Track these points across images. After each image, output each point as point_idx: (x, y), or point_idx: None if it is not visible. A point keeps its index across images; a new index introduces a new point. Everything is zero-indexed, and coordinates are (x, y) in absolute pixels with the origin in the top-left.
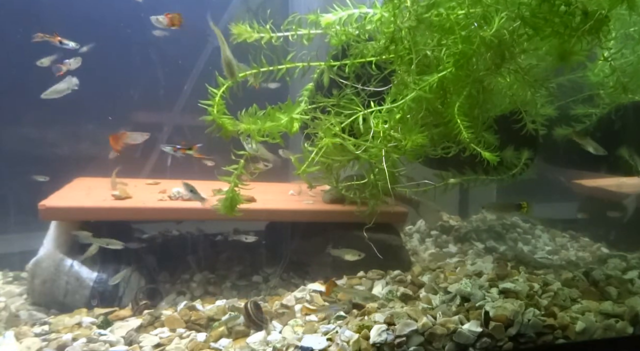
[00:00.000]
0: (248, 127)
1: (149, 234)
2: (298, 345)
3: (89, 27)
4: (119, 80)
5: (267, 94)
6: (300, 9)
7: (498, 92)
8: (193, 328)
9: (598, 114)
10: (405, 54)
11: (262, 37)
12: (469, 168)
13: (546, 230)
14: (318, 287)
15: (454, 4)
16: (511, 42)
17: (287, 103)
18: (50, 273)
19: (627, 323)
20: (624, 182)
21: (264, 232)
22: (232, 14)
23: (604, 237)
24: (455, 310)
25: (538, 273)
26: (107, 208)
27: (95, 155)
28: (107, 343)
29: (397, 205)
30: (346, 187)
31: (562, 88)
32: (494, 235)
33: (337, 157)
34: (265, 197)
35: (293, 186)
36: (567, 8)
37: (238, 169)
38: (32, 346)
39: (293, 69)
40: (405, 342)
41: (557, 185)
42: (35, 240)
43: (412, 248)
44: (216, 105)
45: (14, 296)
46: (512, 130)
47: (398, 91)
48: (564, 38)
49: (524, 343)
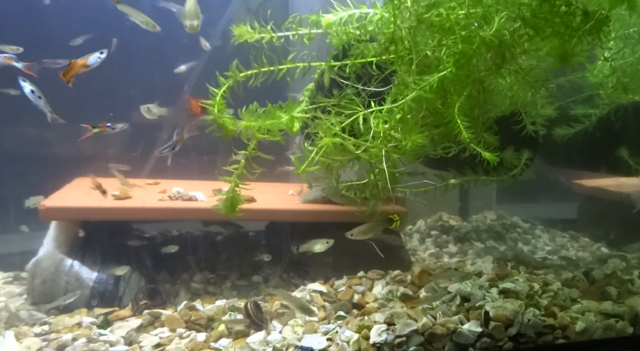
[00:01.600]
0: (248, 124)
1: (149, 234)
2: (298, 345)
3: (89, 27)
4: (118, 80)
5: (267, 94)
6: (301, 9)
7: (498, 92)
8: (193, 328)
9: (598, 114)
10: (405, 54)
11: (263, 38)
12: (469, 168)
13: (546, 230)
14: (318, 287)
15: (454, 4)
16: (511, 42)
17: (288, 102)
18: (50, 273)
19: (627, 323)
20: (623, 182)
21: (264, 232)
22: (232, 14)
23: (604, 236)
24: (455, 310)
25: (538, 273)
26: (107, 208)
27: (95, 155)
28: (107, 343)
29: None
30: (346, 187)
31: (562, 88)
32: (494, 235)
33: (337, 157)
34: (265, 197)
35: (294, 186)
36: (567, 8)
37: (239, 169)
38: (32, 346)
39: (294, 69)
40: (405, 342)
41: (557, 185)
42: (35, 240)
43: (412, 248)
44: (217, 104)
45: (14, 296)
46: (512, 130)
47: (398, 91)
48: (564, 38)
49: (524, 343)
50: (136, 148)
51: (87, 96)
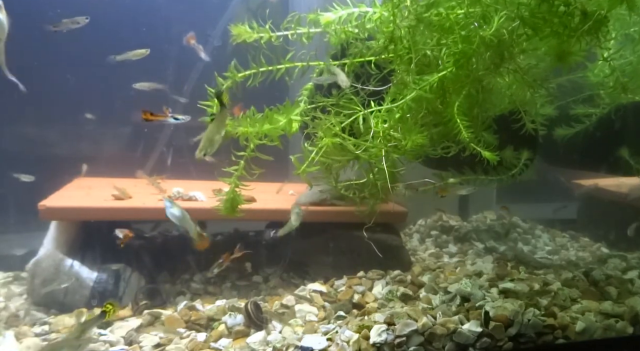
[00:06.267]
0: (246, 129)
1: (149, 234)
2: (298, 345)
3: (89, 27)
4: (118, 80)
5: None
6: (300, 9)
7: (497, 91)
8: (193, 328)
9: (598, 114)
10: (404, 54)
11: (262, 37)
12: (469, 168)
13: (546, 230)
14: (318, 287)
15: (453, 4)
16: (510, 42)
17: (286, 104)
18: (50, 273)
19: (627, 323)
20: (623, 182)
21: (264, 232)
22: (232, 14)
23: (604, 237)
24: (455, 310)
25: (538, 273)
26: (107, 208)
27: (95, 155)
28: (107, 343)
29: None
30: (345, 186)
31: (562, 88)
32: (494, 235)
33: (336, 157)
34: (265, 197)
35: (293, 186)
36: (566, 8)
37: (239, 170)
38: (32, 346)
39: (292, 69)
40: (405, 342)
41: (557, 185)
42: (35, 240)
43: (412, 248)
44: (216, 105)
45: (14, 296)
46: (511, 130)
47: (398, 91)
48: (563, 38)
49: (524, 343)
50: (136, 148)
51: (87, 96)
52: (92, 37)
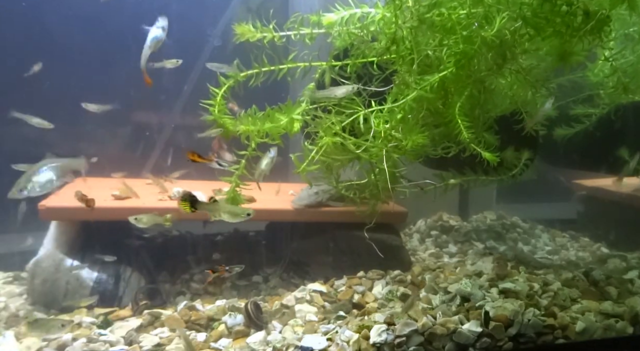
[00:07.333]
0: (247, 128)
1: (149, 234)
2: (298, 345)
3: (89, 26)
4: (119, 80)
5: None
6: (301, 9)
7: (499, 92)
8: (193, 328)
9: (598, 114)
10: (406, 54)
11: (265, 37)
12: (469, 168)
13: (546, 230)
14: (318, 287)
15: (455, 4)
16: (512, 42)
17: (287, 104)
18: (50, 273)
19: (627, 323)
20: (623, 181)
21: (264, 232)
22: (233, 14)
23: (604, 236)
24: (455, 310)
25: (538, 273)
26: (107, 208)
27: (95, 155)
28: (107, 343)
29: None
30: (345, 186)
31: (563, 88)
32: (494, 235)
33: (337, 157)
34: (265, 197)
35: (292, 186)
36: (568, 8)
37: (239, 170)
38: (32, 346)
39: (295, 69)
40: (405, 342)
41: (557, 185)
42: (35, 240)
43: (412, 248)
44: (217, 105)
45: (14, 296)
46: (512, 130)
47: (399, 91)
48: (565, 38)
49: (524, 343)
50: (136, 148)
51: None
52: (92, 37)
